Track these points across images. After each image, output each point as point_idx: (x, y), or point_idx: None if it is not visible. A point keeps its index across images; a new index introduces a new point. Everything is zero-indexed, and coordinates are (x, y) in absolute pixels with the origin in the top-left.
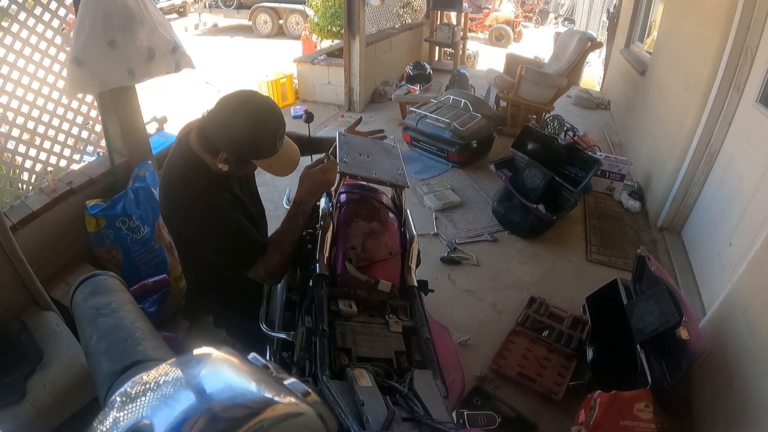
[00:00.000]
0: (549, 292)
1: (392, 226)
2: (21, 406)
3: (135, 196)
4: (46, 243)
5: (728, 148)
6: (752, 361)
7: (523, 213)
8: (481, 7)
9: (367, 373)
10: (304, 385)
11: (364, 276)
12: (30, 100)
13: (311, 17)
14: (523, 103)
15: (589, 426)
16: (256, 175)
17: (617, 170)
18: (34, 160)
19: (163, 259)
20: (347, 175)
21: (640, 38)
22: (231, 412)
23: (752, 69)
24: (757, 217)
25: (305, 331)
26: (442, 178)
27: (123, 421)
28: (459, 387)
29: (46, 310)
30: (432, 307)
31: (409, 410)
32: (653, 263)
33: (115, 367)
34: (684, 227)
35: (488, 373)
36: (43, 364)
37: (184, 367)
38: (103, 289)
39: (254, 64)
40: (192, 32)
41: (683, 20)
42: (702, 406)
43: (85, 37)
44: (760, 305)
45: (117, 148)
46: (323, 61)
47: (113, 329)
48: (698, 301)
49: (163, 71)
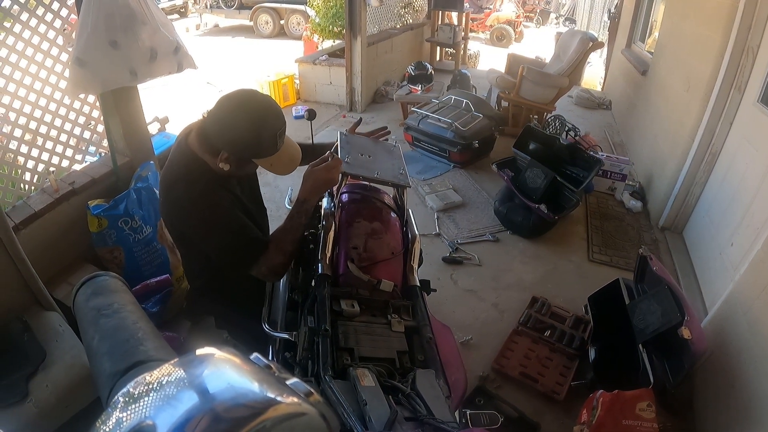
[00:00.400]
0: (551, 292)
1: (394, 226)
2: (23, 406)
3: (137, 196)
4: (48, 243)
5: (730, 148)
6: (754, 360)
7: (525, 213)
8: (482, 7)
9: (369, 373)
10: (306, 385)
11: (367, 276)
12: (32, 100)
13: (312, 17)
14: (525, 103)
15: (591, 425)
16: (258, 175)
17: (619, 170)
18: (36, 161)
19: (165, 259)
20: (349, 175)
21: (642, 38)
22: (234, 412)
23: (753, 69)
24: (759, 216)
25: (308, 331)
26: (444, 178)
27: (126, 421)
28: (461, 387)
29: (49, 310)
30: (434, 306)
31: (412, 410)
32: (655, 263)
33: (118, 367)
34: (686, 227)
35: (490, 372)
36: (45, 364)
37: (187, 368)
38: (105, 290)
39: (255, 64)
40: (193, 33)
41: (684, 20)
42: (704, 405)
43: (87, 37)
44: (762, 305)
45: (119, 149)
46: (325, 61)
47: (115, 330)
48: (700, 301)
49: (166, 71)
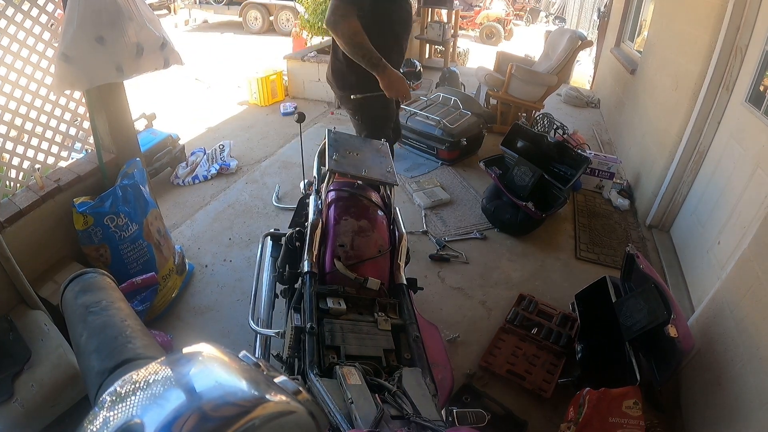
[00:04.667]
0: (538, 289)
1: (381, 224)
2: (9, 407)
3: (123, 193)
4: (33, 241)
5: (717, 147)
6: (740, 358)
7: (513, 211)
8: (472, 5)
9: (356, 371)
10: (295, 384)
11: (353, 274)
12: (17, 96)
13: (302, 14)
14: (513, 101)
15: (578, 423)
16: (253, 172)
17: (606, 168)
18: (21, 158)
19: (151, 256)
20: (336, 173)
21: (631, 37)
22: (221, 410)
23: (742, 69)
24: (745, 215)
25: (294, 329)
26: (432, 176)
27: (113, 420)
28: (448, 385)
29: (34, 309)
30: (421, 304)
31: (399, 408)
32: (642, 261)
33: (106, 365)
34: (673, 225)
35: (477, 370)
36: (31, 363)
37: (174, 366)
38: (94, 287)
39: (244, 60)
40: (182, 28)
41: (674, 19)
42: (691, 403)
43: (73, 32)
44: (749, 303)
45: (105, 145)
46: (313, 58)
47: (103, 327)
48: (687, 299)
49: (152, 67)
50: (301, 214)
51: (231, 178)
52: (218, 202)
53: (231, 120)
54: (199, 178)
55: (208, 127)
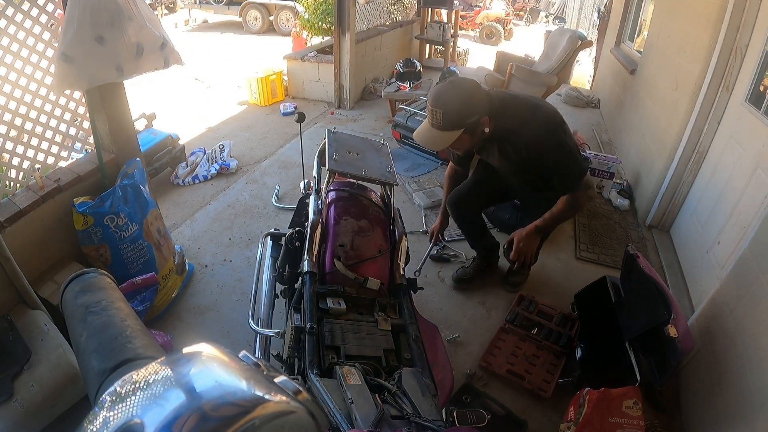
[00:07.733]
0: (538, 289)
1: (381, 224)
2: (9, 407)
3: (123, 193)
4: (33, 241)
5: (717, 147)
6: (740, 358)
7: (513, 211)
8: (472, 5)
9: (356, 371)
10: (295, 384)
11: (353, 274)
12: (17, 96)
13: (302, 14)
14: None
15: (578, 423)
16: (253, 172)
17: (606, 168)
18: (21, 158)
19: (151, 256)
20: (336, 173)
21: (631, 37)
22: (221, 410)
23: (742, 69)
24: (745, 215)
25: (294, 329)
26: (432, 176)
27: (113, 420)
28: (448, 385)
29: (34, 309)
30: (421, 304)
31: (399, 408)
32: (642, 261)
33: (105, 365)
34: (673, 225)
35: (477, 370)
36: (30, 363)
37: (174, 366)
38: (94, 287)
39: (244, 60)
40: (182, 28)
41: (673, 19)
42: (691, 403)
43: (73, 32)
44: (749, 303)
45: (105, 145)
46: (313, 58)
47: (103, 327)
48: (687, 299)
49: (152, 67)
50: (301, 214)
51: (231, 178)
52: (218, 202)
53: (231, 120)
54: (199, 178)
55: (208, 127)
